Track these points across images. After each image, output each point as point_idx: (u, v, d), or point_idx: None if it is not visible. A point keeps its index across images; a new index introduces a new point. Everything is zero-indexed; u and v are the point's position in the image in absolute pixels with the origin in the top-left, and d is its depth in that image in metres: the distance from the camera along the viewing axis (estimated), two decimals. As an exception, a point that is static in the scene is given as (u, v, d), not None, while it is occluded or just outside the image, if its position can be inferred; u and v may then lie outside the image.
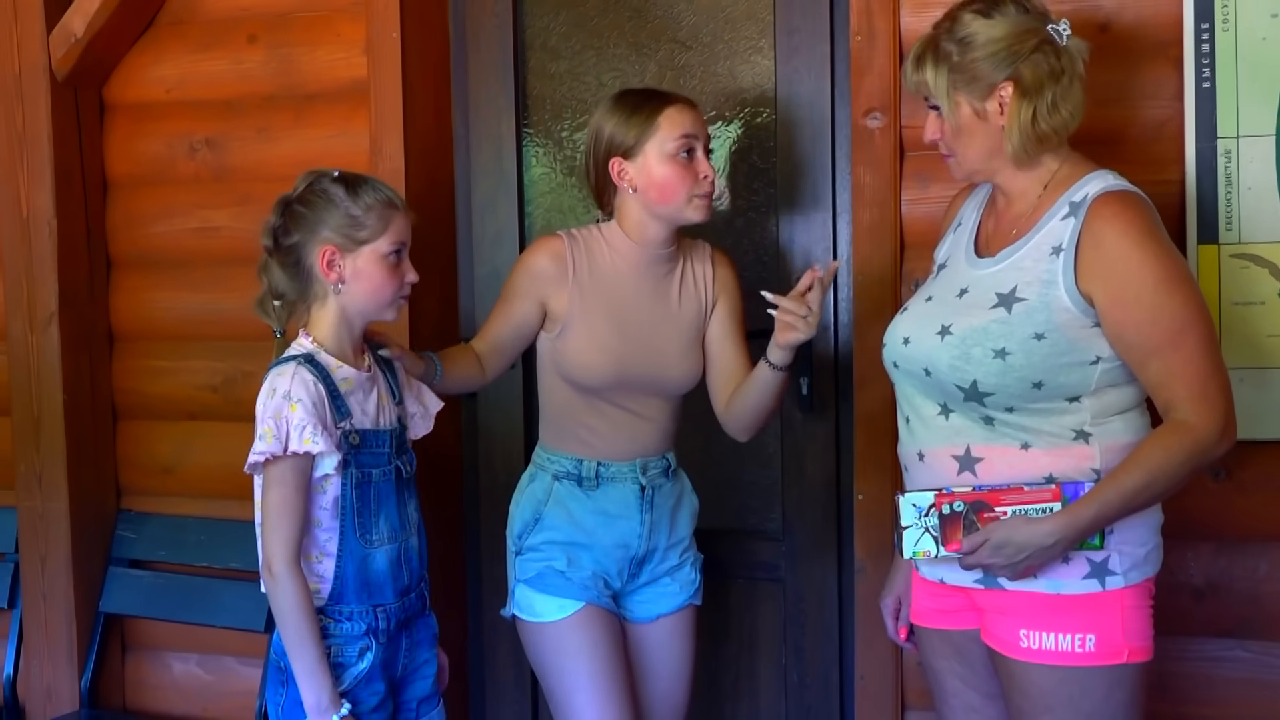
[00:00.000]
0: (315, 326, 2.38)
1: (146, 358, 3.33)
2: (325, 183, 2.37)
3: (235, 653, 3.27)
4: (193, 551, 3.25)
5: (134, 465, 3.36)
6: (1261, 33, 2.45)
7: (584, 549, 2.58)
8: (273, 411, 2.28)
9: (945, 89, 2.17)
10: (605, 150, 2.53)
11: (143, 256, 3.31)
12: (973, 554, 2.13)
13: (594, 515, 2.58)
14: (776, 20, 2.93)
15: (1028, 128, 2.14)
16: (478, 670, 3.27)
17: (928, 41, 2.21)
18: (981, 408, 2.14)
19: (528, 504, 2.64)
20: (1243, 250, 2.49)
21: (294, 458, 2.28)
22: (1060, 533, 2.08)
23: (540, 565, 2.58)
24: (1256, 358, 2.49)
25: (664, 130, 2.48)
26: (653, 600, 2.64)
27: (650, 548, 2.60)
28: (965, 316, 2.15)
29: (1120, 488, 2.07)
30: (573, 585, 2.55)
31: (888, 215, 2.72)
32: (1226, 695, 2.60)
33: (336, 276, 2.35)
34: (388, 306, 2.40)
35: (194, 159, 3.24)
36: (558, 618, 2.54)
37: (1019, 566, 2.11)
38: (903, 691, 2.80)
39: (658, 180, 2.49)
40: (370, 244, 2.35)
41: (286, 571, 2.29)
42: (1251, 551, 2.58)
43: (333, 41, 3.11)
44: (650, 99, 2.53)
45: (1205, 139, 2.50)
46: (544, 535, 2.59)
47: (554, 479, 2.61)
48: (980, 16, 2.15)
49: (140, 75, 3.27)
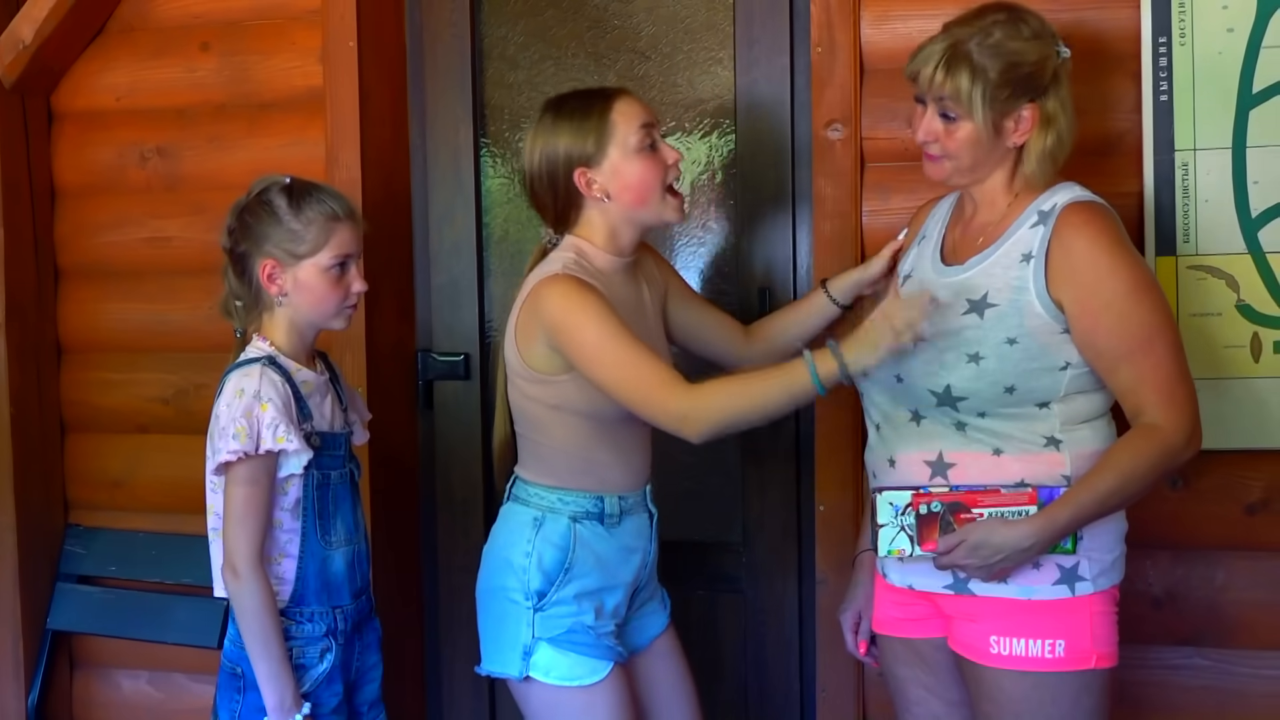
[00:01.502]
0: (270, 331, 2.40)
1: (96, 370, 3.27)
2: (272, 193, 2.38)
3: (186, 669, 3.22)
4: (143, 567, 3.20)
5: (82, 479, 3.30)
6: (1218, 47, 2.48)
7: (609, 593, 2.40)
8: (243, 410, 2.28)
9: (979, 101, 2.13)
10: (565, 165, 2.36)
11: (92, 267, 3.25)
12: (948, 554, 2.13)
13: (618, 553, 2.40)
14: (736, 32, 2.93)
15: (1046, 154, 2.16)
16: (434, 676, 3.24)
17: (955, 48, 2.15)
18: (954, 413, 2.15)
19: (548, 553, 2.36)
20: (1200, 262, 2.52)
21: (264, 457, 2.29)
22: (1036, 535, 2.09)
23: (569, 621, 2.34)
24: (1214, 368, 2.52)
25: (622, 127, 2.35)
26: (644, 624, 2.52)
27: (648, 577, 2.51)
28: (937, 323, 2.15)
29: (1094, 490, 2.10)
30: (602, 645, 2.36)
31: (848, 226, 2.72)
32: (1185, 704, 2.62)
33: (278, 289, 2.37)
34: (333, 317, 2.42)
35: (145, 168, 3.20)
36: (591, 681, 2.34)
37: (993, 568, 2.12)
38: (864, 703, 2.80)
39: (632, 180, 2.35)
40: (310, 259, 2.35)
41: (251, 571, 2.29)
42: (1209, 560, 2.61)
43: (288, 50, 3.08)
44: (593, 100, 2.39)
45: (1163, 151, 2.52)
46: (574, 587, 2.35)
47: (572, 520, 2.37)
48: (1015, 38, 2.14)
49: (90, 83, 3.22)
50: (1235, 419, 2.52)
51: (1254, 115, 2.47)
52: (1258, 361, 2.50)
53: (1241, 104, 2.48)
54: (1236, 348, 2.51)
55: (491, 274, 3.16)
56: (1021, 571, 2.14)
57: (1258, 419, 2.51)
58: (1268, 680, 2.59)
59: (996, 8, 2.20)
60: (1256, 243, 2.49)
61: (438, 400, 3.19)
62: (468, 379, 3.16)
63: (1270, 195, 2.48)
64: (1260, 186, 2.48)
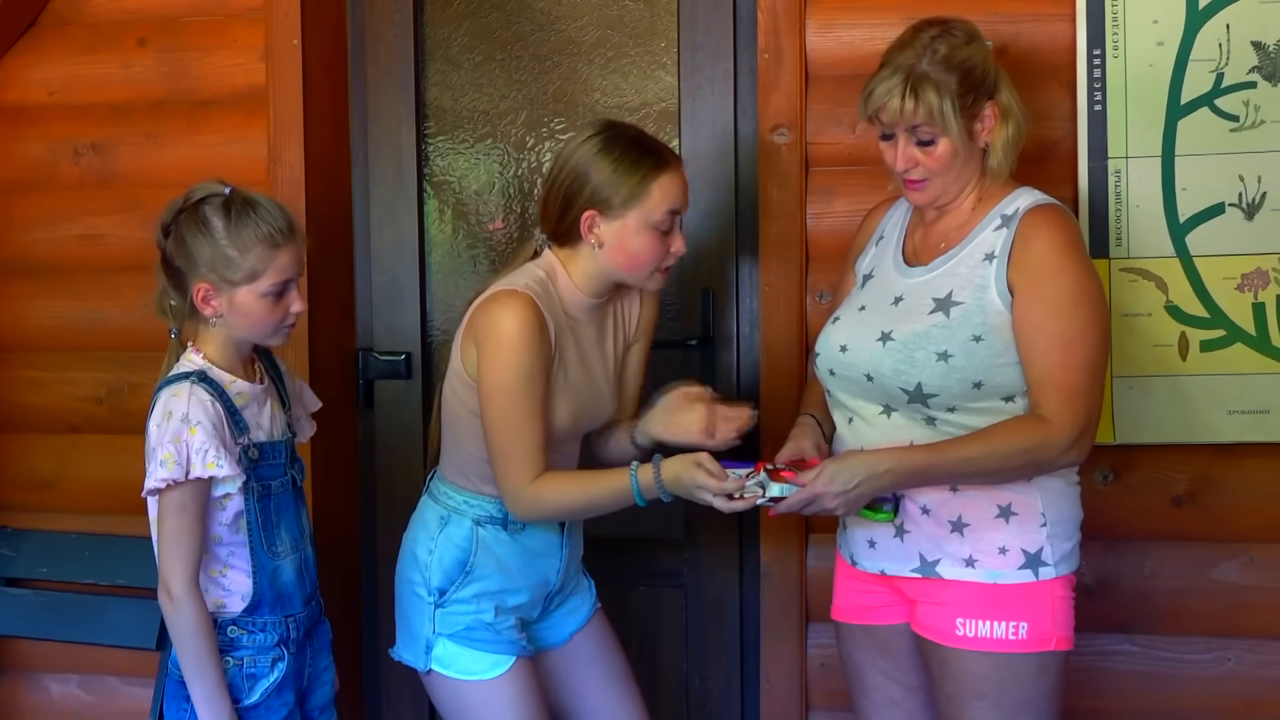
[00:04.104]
0: (204, 343, 2.34)
1: (26, 368, 3.20)
2: (209, 209, 2.27)
3: (120, 672, 3.17)
4: (76, 568, 3.13)
5: (10, 480, 3.23)
6: (1149, 60, 2.60)
7: (510, 594, 2.44)
8: (171, 435, 2.22)
9: (951, 115, 2.20)
10: (585, 200, 2.33)
11: (22, 264, 3.19)
12: (810, 484, 2.18)
13: (519, 557, 2.45)
14: (680, 36, 2.98)
15: (1010, 143, 2.26)
16: (372, 678, 3.24)
17: (910, 74, 2.20)
18: (925, 408, 2.22)
19: (449, 553, 2.42)
20: (1131, 265, 2.63)
21: (195, 483, 2.23)
22: (891, 463, 2.18)
23: (468, 619, 2.41)
24: (1143, 366, 2.63)
25: (655, 200, 2.32)
26: (561, 621, 2.56)
27: (564, 580, 2.54)
28: (905, 322, 2.23)
29: (958, 449, 2.18)
30: (502, 640, 2.42)
31: (794, 228, 2.79)
32: (1116, 687, 2.74)
33: (212, 311, 2.29)
34: (269, 337, 2.36)
35: (78, 164, 3.14)
36: (490, 675, 2.40)
37: (850, 496, 2.18)
38: (807, 694, 2.86)
39: (631, 249, 2.34)
40: (246, 285, 2.27)
41: (186, 595, 2.25)
42: (1137, 550, 2.72)
43: (229, 47, 3.05)
44: (646, 156, 2.34)
45: (1096, 159, 2.63)
46: (474, 588, 2.42)
47: (475, 524, 2.43)
48: (961, 44, 2.22)
49: (21, 77, 3.15)
50: (1163, 415, 2.64)
51: (1182, 125, 2.60)
52: (1185, 360, 2.62)
53: (1171, 114, 2.60)
54: (1165, 346, 2.63)
55: (433, 273, 3.17)
56: (989, 557, 2.22)
57: (1184, 415, 2.63)
58: (1192, 665, 2.72)
59: (926, 25, 2.27)
60: (1184, 246, 2.61)
61: (378, 399, 3.19)
62: (409, 378, 3.17)
63: (1197, 201, 2.60)
64: (1188, 193, 2.60)
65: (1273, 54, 2.57)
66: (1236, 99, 2.57)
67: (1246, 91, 2.57)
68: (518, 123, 3.11)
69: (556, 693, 2.56)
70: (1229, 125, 2.58)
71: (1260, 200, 2.58)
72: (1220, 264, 2.59)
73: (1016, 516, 2.22)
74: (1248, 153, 2.57)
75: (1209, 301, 2.60)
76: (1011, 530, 2.23)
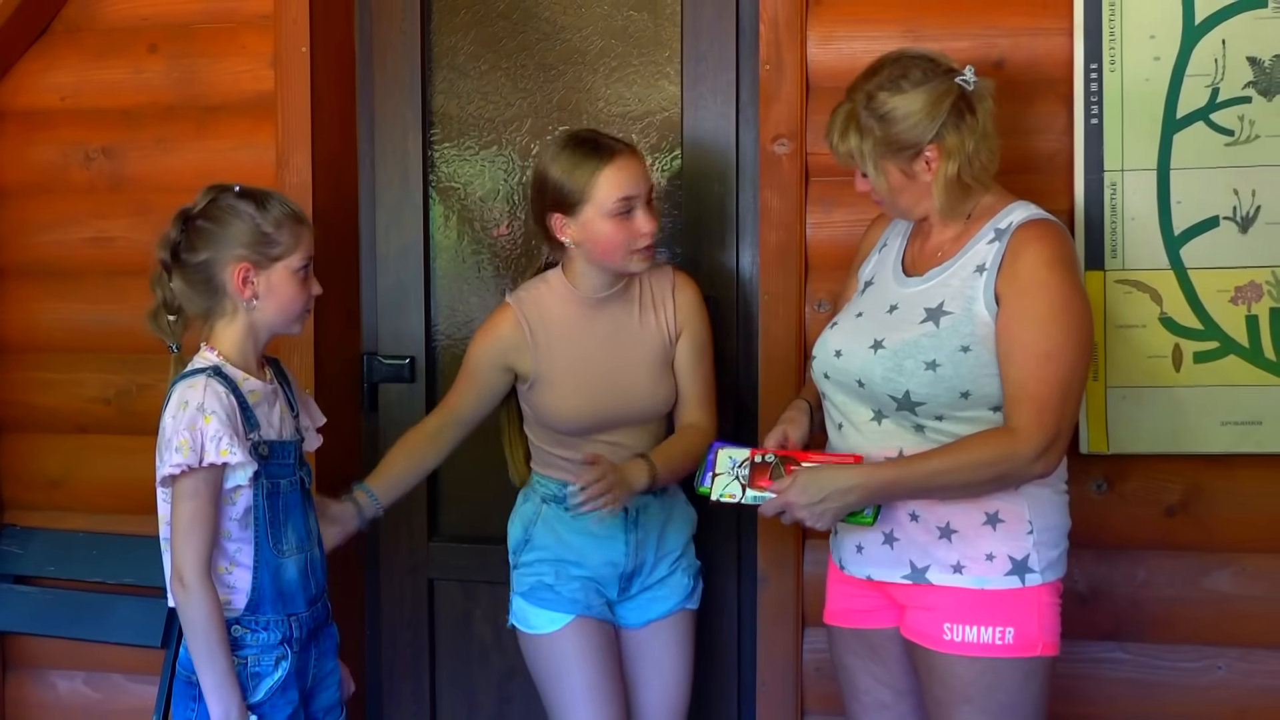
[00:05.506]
0: (219, 340, 2.38)
1: (35, 370, 3.25)
2: (230, 198, 2.36)
3: (125, 669, 3.21)
4: (83, 566, 3.18)
5: (19, 479, 3.28)
6: (1145, 74, 2.62)
7: (574, 564, 2.66)
8: (186, 424, 2.27)
9: (873, 159, 2.28)
10: (549, 205, 2.56)
11: (33, 266, 3.24)
12: (781, 493, 2.26)
13: (580, 536, 2.66)
14: (684, 47, 3.02)
15: (953, 184, 2.27)
16: (374, 679, 3.27)
17: (848, 114, 2.30)
18: (913, 416, 2.25)
19: (519, 523, 2.74)
20: (1126, 276, 2.65)
21: (209, 470, 2.28)
22: (858, 479, 2.23)
23: (532, 580, 2.68)
24: (1136, 377, 2.66)
25: (602, 192, 2.51)
26: (644, 607, 2.72)
27: (638, 564, 2.68)
28: (897, 331, 2.27)
29: (926, 463, 2.22)
30: (561, 599, 2.64)
31: (793, 237, 2.83)
32: (1108, 695, 2.76)
33: (251, 293, 2.35)
34: (295, 320, 2.43)
35: (89, 168, 3.19)
36: (549, 630, 2.64)
37: (818, 509, 2.24)
38: (803, 698, 2.89)
39: (599, 240, 2.54)
40: (283, 260, 2.36)
41: (198, 583, 2.29)
42: (1130, 559, 2.74)
43: (238, 54, 3.10)
44: (591, 154, 2.53)
45: (1093, 171, 2.66)
46: (534, 554, 2.69)
47: (542, 501, 2.70)
48: (895, 93, 2.25)
49: (34, 82, 3.20)
50: (1156, 425, 2.66)
51: (1178, 139, 2.62)
52: (1178, 371, 2.64)
53: (1166, 128, 2.62)
54: (1159, 358, 2.65)
55: (438, 278, 3.21)
56: (976, 563, 2.25)
57: (1177, 426, 2.65)
58: (1184, 672, 2.73)
59: (890, 61, 2.31)
60: (1179, 259, 2.63)
61: (382, 403, 3.23)
62: (413, 382, 3.20)
63: (1192, 214, 2.62)
64: (1183, 206, 2.62)
65: (1268, 69, 2.59)
66: (1232, 113, 2.60)
67: (1242, 106, 2.59)
68: (523, 130, 3.15)
69: (627, 669, 2.73)
70: (1224, 139, 2.60)
71: (1254, 214, 2.61)
72: (1214, 277, 2.62)
73: (1004, 524, 2.25)
74: (1242, 167, 2.60)
75: (1203, 314, 2.62)
76: (999, 537, 2.26)
